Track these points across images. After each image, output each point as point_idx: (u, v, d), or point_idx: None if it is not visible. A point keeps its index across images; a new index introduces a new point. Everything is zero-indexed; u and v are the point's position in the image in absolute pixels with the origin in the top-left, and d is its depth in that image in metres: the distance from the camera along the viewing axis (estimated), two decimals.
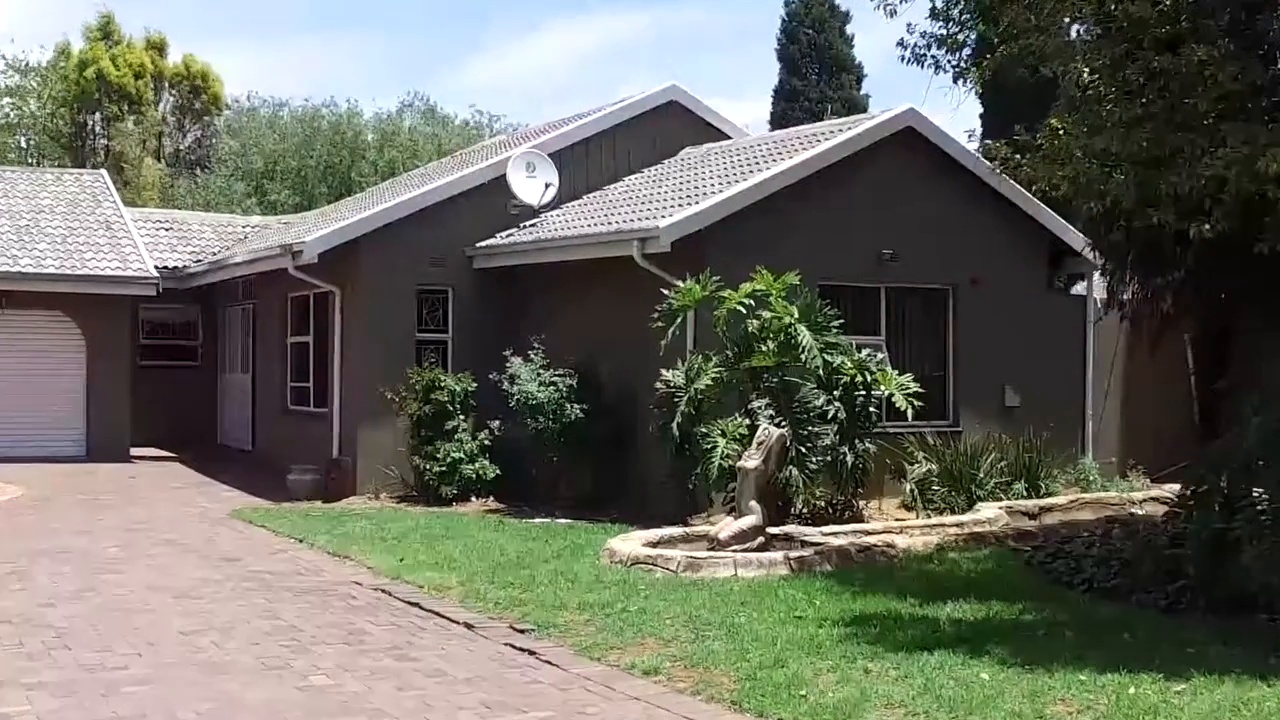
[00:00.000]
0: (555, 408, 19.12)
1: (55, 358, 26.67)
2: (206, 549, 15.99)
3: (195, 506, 20.28)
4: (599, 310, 20.55)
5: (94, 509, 19.87)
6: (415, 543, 15.73)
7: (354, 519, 18.20)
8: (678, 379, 16.88)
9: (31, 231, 27.35)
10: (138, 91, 48.04)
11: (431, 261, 21.99)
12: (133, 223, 28.98)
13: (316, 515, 18.69)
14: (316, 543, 16.18)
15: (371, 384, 21.04)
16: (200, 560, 15.11)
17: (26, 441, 26.08)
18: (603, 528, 17.12)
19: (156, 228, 30.28)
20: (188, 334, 30.38)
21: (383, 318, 21.62)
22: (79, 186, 30.05)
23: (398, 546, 15.49)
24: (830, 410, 16.43)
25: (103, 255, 26.85)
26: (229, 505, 20.32)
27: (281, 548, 16.11)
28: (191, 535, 17.14)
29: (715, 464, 15.92)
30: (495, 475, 20.36)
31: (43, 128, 49.38)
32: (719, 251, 18.03)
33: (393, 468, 21.11)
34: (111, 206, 29.13)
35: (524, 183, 22.24)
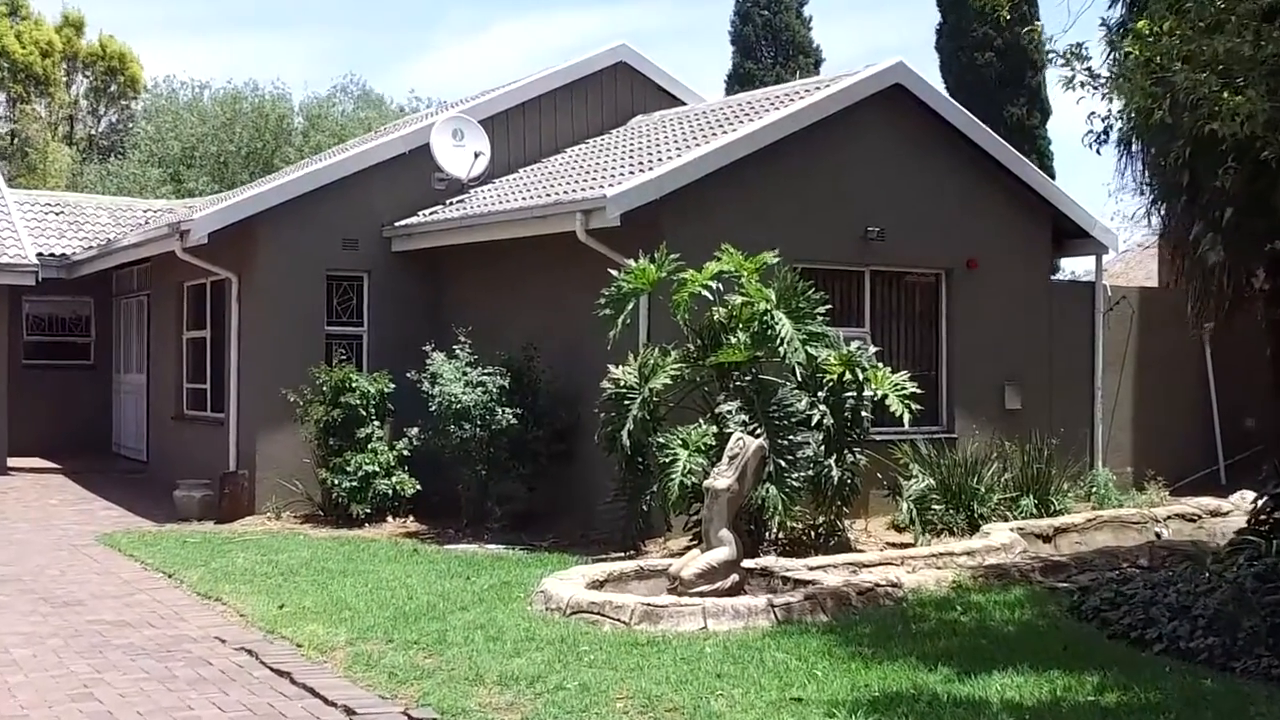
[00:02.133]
0: (483, 412, 16.19)
1: None
2: (50, 588, 12.95)
3: (61, 529, 17.23)
4: (536, 298, 17.66)
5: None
6: (306, 580, 12.76)
7: (242, 546, 15.19)
8: (629, 377, 13.98)
9: None
10: (45, 71, 44.65)
11: (343, 243, 19.03)
12: (16, 205, 25.78)
13: (198, 541, 15.65)
14: (187, 579, 13.19)
15: (273, 385, 18.03)
16: (33, 605, 12.09)
17: None
18: (538, 558, 14.20)
19: (45, 211, 27.06)
20: (79, 330, 27.18)
21: (286, 308, 18.62)
22: None
23: (283, 586, 12.50)
24: (814, 415, 13.54)
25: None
26: (102, 528, 17.27)
27: (144, 585, 13.10)
28: (40, 568, 14.11)
29: (676, 481, 13.02)
30: (415, 491, 17.43)
31: None
32: (677, 227, 15.14)
33: (297, 482, 18.15)
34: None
35: (450, 152, 19.29)
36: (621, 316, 13.99)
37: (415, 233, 18.88)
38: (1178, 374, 20.40)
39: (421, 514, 17.58)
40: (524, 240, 17.07)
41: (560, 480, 16.81)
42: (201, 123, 43.44)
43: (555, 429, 16.67)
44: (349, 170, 19.00)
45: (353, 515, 17.17)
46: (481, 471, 16.63)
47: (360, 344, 19.28)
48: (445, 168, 19.22)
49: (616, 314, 14.01)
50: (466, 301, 18.88)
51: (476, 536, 16.19)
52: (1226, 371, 20.62)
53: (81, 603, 12.22)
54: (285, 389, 17.77)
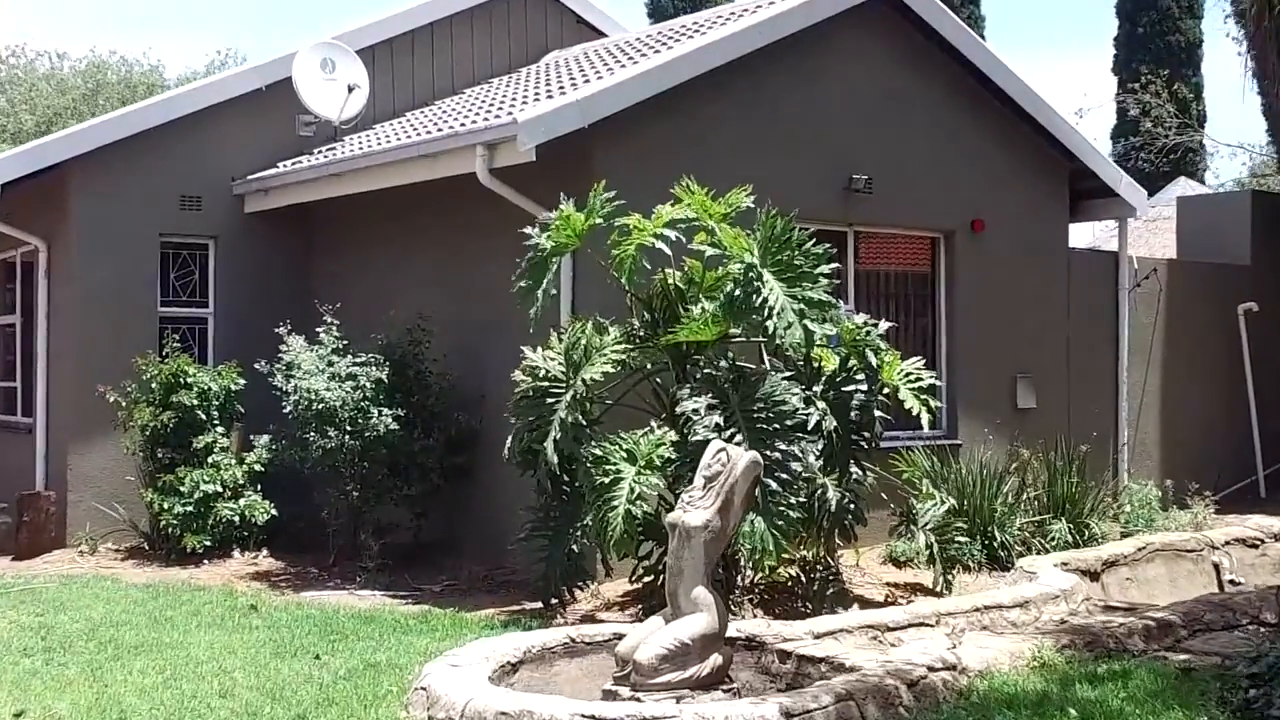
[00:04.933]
0: (354, 414, 12.26)
1: None
2: None
3: None
4: (427, 266, 13.75)
5: None
6: (80, 661, 8.71)
7: (17, 598, 11.13)
8: (552, 365, 10.10)
9: None
10: None
11: (181, 202, 14.99)
12: None
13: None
14: None
15: (89, 383, 13.93)
16: None
17: None
18: (425, 615, 10.25)
19: None
20: None
21: (106, 284, 14.52)
22: None
23: (41, 672, 8.44)
24: (811, 415, 9.67)
25: None
26: None
27: None
28: None
29: (619, 511, 9.12)
30: (269, 518, 13.41)
31: None
32: (609, 169, 11.22)
33: (119, 506, 14.08)
34: None
35: (318, 86, 15.26)
36: (543, 285, 10.10)
37: (273, 186, 14.85)
38: (1210, 363, 16.80)
39: (279, 547, 13.62)
40: (410, 191, 13.17)
41: (457, 504, 12.92)
42: (61, 94, 39.22)
43: (451, 436, 12.75)
44: (187, 109, 14.94)
45: (188, 549, 13.16)
46: (353, 493, 12.66)
47: (205, 330, 15.25)
48: (312, 106, 15.21)
49: (536, 282, 10.12)
50: (339, 274, 14.91)
51: (346, 578, 12.27)
52: (1266, 360, 17.12)
53: None
54: (104, 387, 13.69)
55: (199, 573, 12.73)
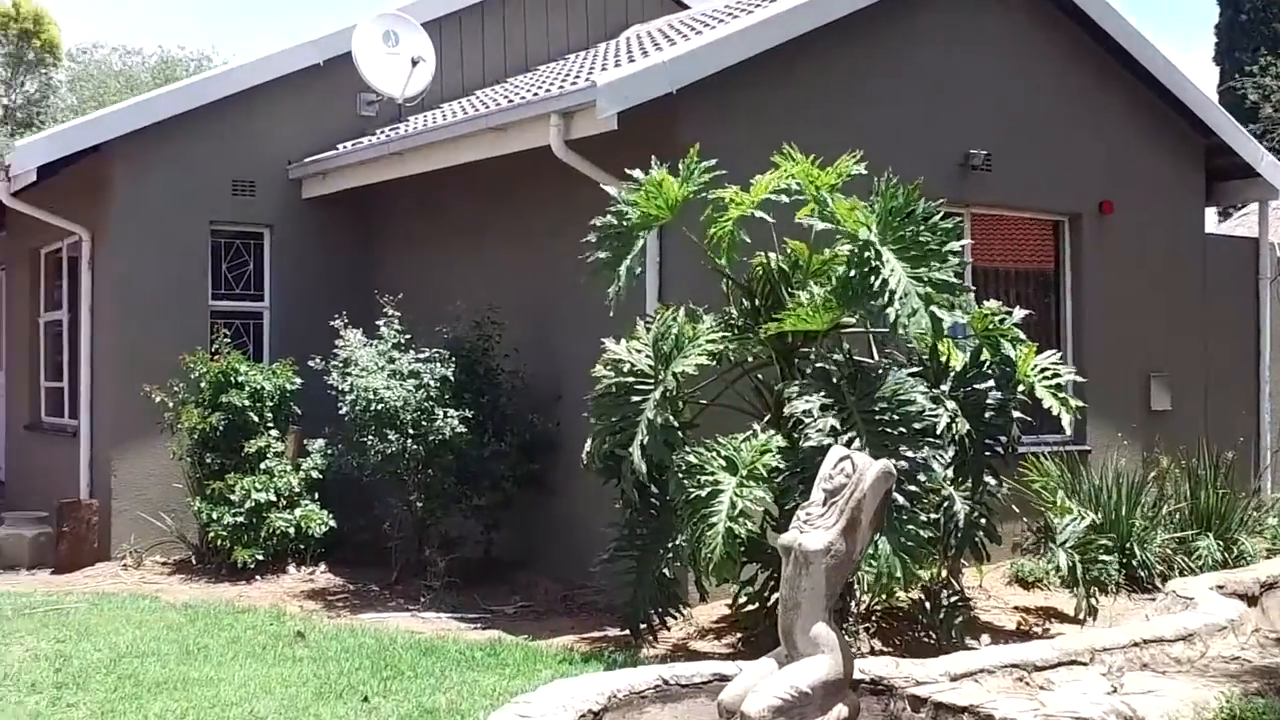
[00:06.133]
0: (417, 415, 11.02)
1: None
2: None
3: None
4: (496, 251, 12.51)
5: None
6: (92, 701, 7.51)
7: (43, 619, 9.97)
8: (638, 357, 8.80)
9: None
10: None
11: (234, 188, 13.84)
12: None
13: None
14: None
15: (135, 382, 12.79)
16: None
17: None
18: (495, 645, 8.94)
19: None
20: None
21: (153, 276, 13.41)
22: None
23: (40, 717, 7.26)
24: (940, 417, 8.31)
25: None
26: None
27: None
28: None
29: (719, 530, 7.81)
30: (327, 529, 12.21)
31: None
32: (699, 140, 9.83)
33: (168, 515, 12.94)
34: None
35: (380, 61, 14.07)
36: (625, 263, 8.82)
37: (332, 169, 13.65)
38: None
39: (338, 561, 12.43)
40: (479, 170, 11.94)
41: (532, 516, 11.67)
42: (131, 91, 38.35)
43: (524, 441, 11.49)
44: (239, 85, 13.77)
45: (238, 563, 11.99)
46: (417, 503, 11.42)
47: (259, 325, 14.10)
48: (373, 82, 14.02)
49: (617, 258, 8.84)
50: (402, 263, 13.71)
51: (409, 597, 11.03)
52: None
53: None
54: (150, 387, 12.56)
55: (249, 590, 11.55)
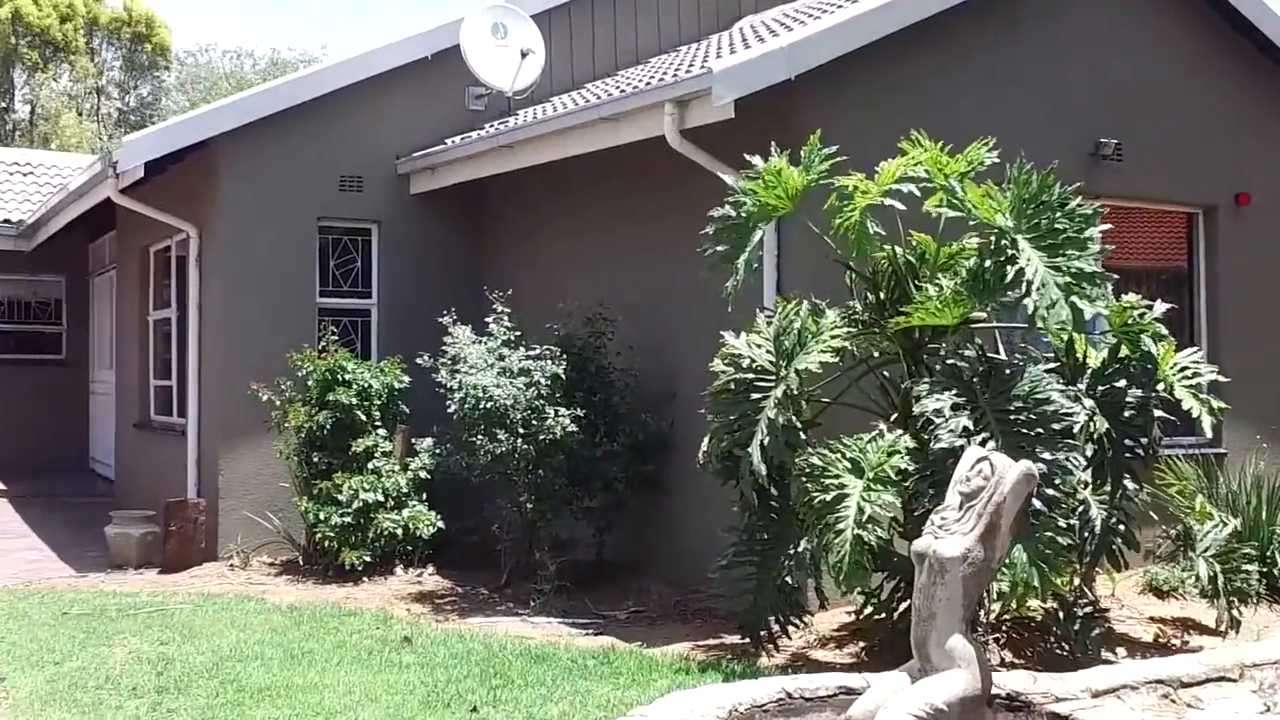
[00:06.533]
0: (528, 414, 10.72)
1: None
2: None
3: None
4: (608, 245, 12.20)
5: None
6: (190, 708, 7.29)
7: (146, 621, 9.81)
8: (759, 352, 8.42)
9: None
10: (65, 37, 39.56)
11: (341, 183, 13.64)
12: None
13: (88, 612, 10.22)
14: (16, 691, 7.80)
15: (243, 381, 12.66)
16: None
17: None
18: (607, 652, 8.61)
19: (9, 171, 21.79)
20: (47, 316, 21.87)
21: (261, 272, 13.25)
22: None
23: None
24: (1077, 417, 7.85)
25: None
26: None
27: None
28: None
29: (847, 536, 7.42)
30: (436, 530, 11.96)
31: None
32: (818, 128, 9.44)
33: (275, 515, 12.77)
34: None
35: (489, 54, 13.83)
36: (744, 256, 8.45)
37: (440, 164, 13.41)
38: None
39: (446, 564, 12.17)
40: (590, 162, 11.63)
41: (645, 518, 11.35)
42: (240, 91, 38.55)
43: (637, 441, 11.15)
44: (347, 80, 13.56)
45: (345, 565, 11.77)
46: (527, 504, 11.13)
47: (367, 322, 13.90)
48: (481, 75, 13.77)
49: (735, 251, 8.48)
50: (512, 259, 13.45)
51: (519, 601, 10.74)
52: None
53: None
54: (257, 385, 12.40)
55: (356, 592, 11.32)
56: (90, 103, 41.21)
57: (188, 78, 41.57)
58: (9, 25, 38.64)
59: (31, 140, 37.52)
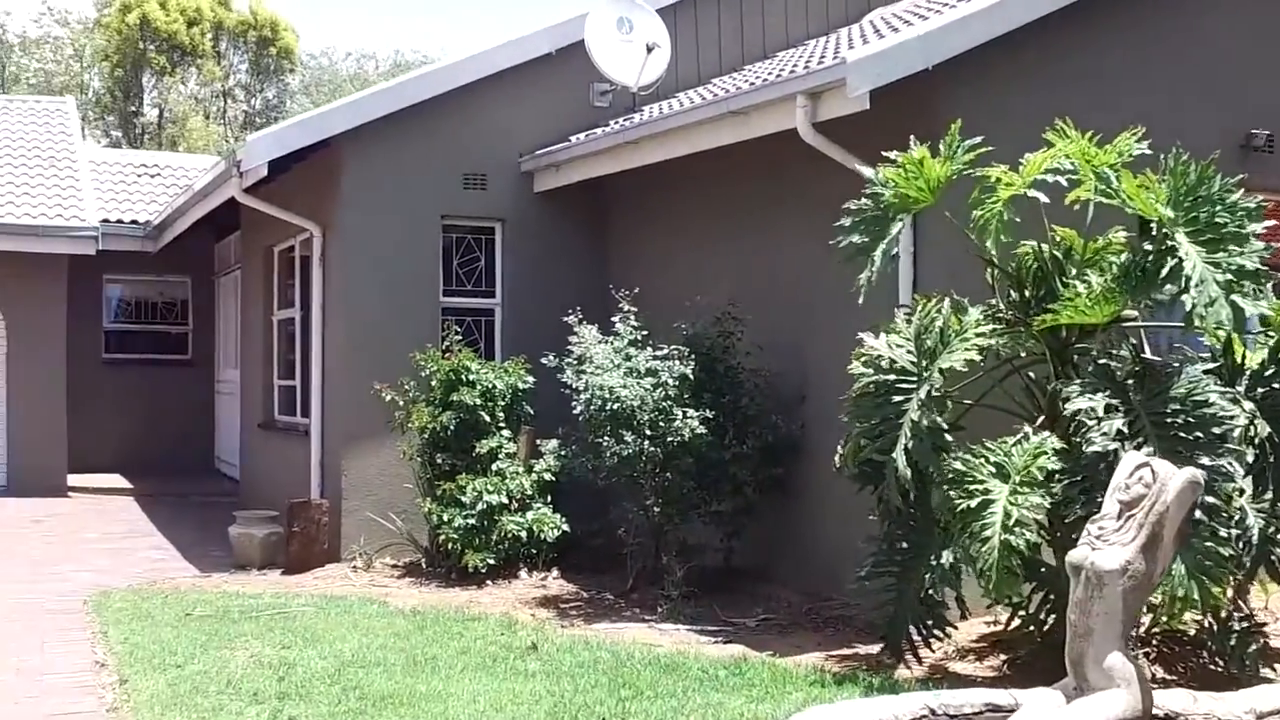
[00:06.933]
0: (655, 415, 10.46)
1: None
2: None
3: (58, 581, 11.97)
4: (736, 242, 11.91)
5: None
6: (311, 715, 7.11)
7: (269, 623, 9.69)
8: (899, 352, 8.08)
9: None
10: (192, 41, 40.00)
11: (465, 181, 13.48)
12: (91, 164, 20.82)
13: (210, 614, 10.10)
14: (138, 693, 7.68)
15: (366, 381, 12.56)
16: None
17: None
18: (736, 666, 8.29)
19: (135, 173, 22.00)
20: (173, 316, 22.02)
21: (384, 271, 13.14)
22: (31, 117, 21.88)
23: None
24: (1236, 421, 7.41)
25: (27, 199, 18.60)
26: (120, 578, 12.00)
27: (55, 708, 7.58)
28: None
29: (993, 544, 7.07)
30: (560, 533, 11.75)
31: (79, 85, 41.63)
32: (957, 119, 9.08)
33: (398, 516, 12.63)
34: (63, 140, 20.90)
35: (613, 48, 13.59)
36: (880, 248, 8.12)
37: (564, 161, 13.21)
38: None
39: (570, 568, 11.94)
40: (718, 157, 11.36)
41: (774, 523, 11.03)
42: None
43: (767, 443, 10.83)
44: (470, 76, 13.40)
45: (468, 568, 11.59)
46: (654, 508, 10.87)
47: (490, 322, 13.73)
48: (606, 70, 13.54)
49: (872, 243, 8.15)
50: (637, 257, 13.22)
51: (645, 607, 10.47)
52: None
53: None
54: (381, 385, 12.28)
55: (479, 595, 11.14)
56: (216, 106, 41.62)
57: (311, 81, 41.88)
58: (137, 31, 39.14)
59: (160, 143, 38.01)
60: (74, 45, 42.57)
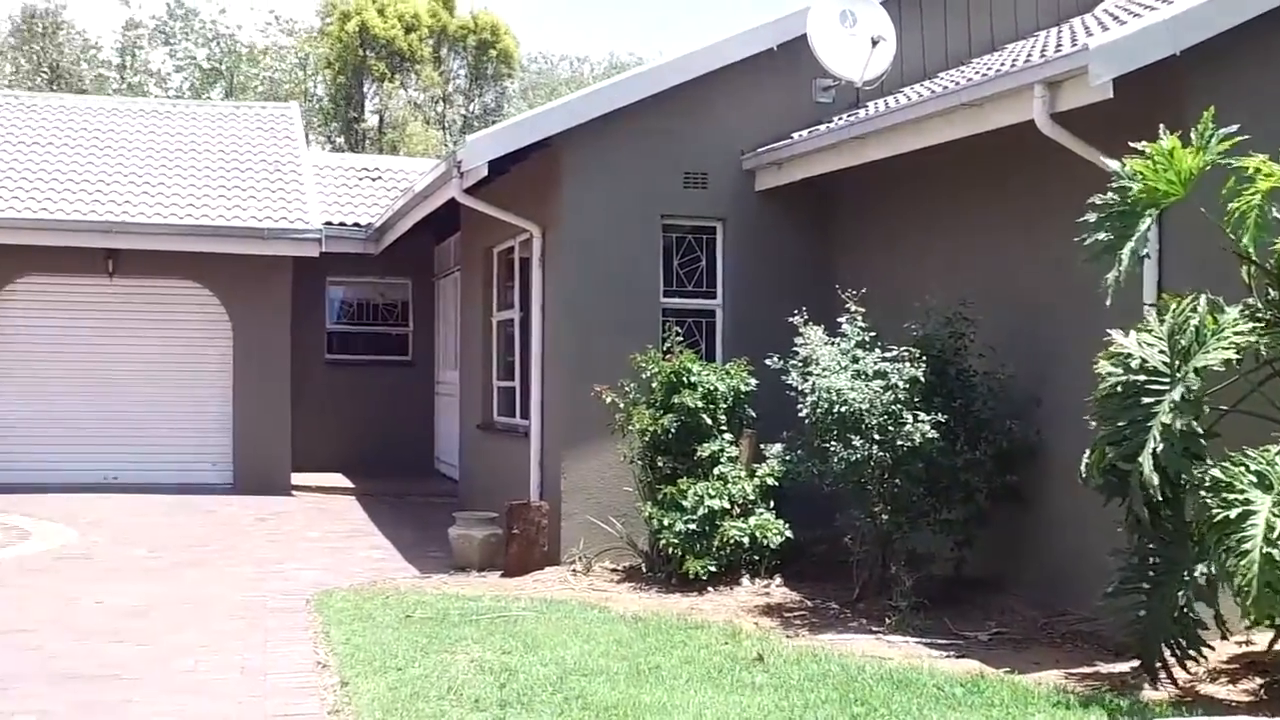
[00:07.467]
0: (884, 419, 10.11)
1: (193, 349, 18.99)
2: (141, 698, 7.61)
3: (280, 581, 12.08)
4: (966, 240, 11.51)
5: (129, 574, 12.31)
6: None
7: (489, 627, 9.59)
8: (1150, 351, 7.62)
9: (163, 171, 19.71)
10: (410, 47, 40.56)
11: (685, 180, 13.27)
12: (314, 168, 21.20)
13: (430, 617, 10.04)
14: (359, 696, 7.61)
15: (585, 382, 12.44)
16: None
17: (152, 466, 18.66)
18: (973, 683, 7.89)
19: (356, 176, 22.33)
20: (394, 318, 22.26)
21: (604, 272, 12.99)
22: (258, 123, 22.34)
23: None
24: None
25: (253, 202, 18.97)
26: (341, 578, 12.10)
27: (280, 709, 7.54)
28: (183, 649, 8.98)
29: (1254, 559, 6.60)
30: (783, 540, 11.46)
31: (302, 92, 42.55)
32: (1206, 103, 8.54)
33: (618, 520, 12.48)
34: (288, 145, 21.28)
35: (837, 42, 13.25)
36: (1129, 245, 7.67)
37: (786, 158, 12.91)
38: None
39: (793, 575, 11.65)
40: (946, 152, 10.95)
41: (1007, 533, 10.59)
42: None
43: (1000, 449, 10.39)
44: (690, 74, 13.18)
45: (689, 574, 11.37)
46: (881, 515, 10.52)
47: (711, 323, 13.50)
48: (829, 65, 13.20)
49: (1119, 240, 7.71)
50: (863, 256, 12.87)
51: (872, 618, 10.12)
52: None
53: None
54: (601, 387, 12.15)
55: (700, 603, 10.90)
56: (435, 111, 42.18)
57: (529, 84, 42.18)
58: (357, 38, 39.86)
59: (380, 149, 38.66)
60: (298, 54, 43.54)
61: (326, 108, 42.32)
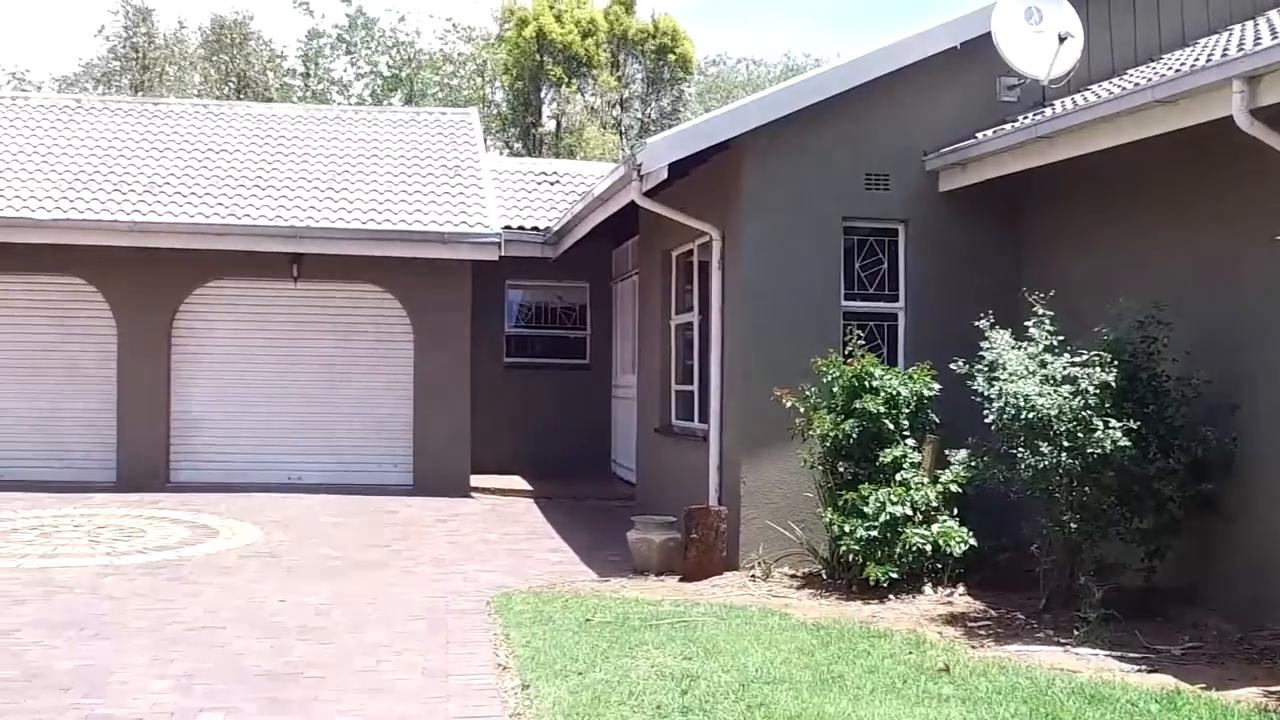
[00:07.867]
0: (1073, 425, 9.85)
1: (375, 351, 19.28)
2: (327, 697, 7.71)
3: (460, 582, 12.18)
4: (1158, 241, 11.17)
5: (312, 573, 12.54)
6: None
7: (669, 632, 9.53)
8: None
9: (345, 177, 20.02)
10: (587, 52, 40.77)
11: (866, 181, 13.10)
12: (493, 172, 21.38)
13: (612, 620, 10.02)
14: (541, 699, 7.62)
15: (765, 386, 12.35)
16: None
17: (334, 467, 19.01)
18: (1169, 700, 7.63)
19: (535, 181, 22.48)
20: (572, 322, 22.35)
21: (784, 275, 12.87)
22: (438, 129, 22.59)
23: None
24: None
25: (434, 207, 19.17)
26: (520, 580, 12.17)
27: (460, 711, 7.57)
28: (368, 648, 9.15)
29: None
30: (967, 547, 11.25)
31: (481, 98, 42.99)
32: None
33: (797, 525, 12.36)
34: (467, 149, 21.48)
35: (1022, 40, 12.96)
36: None
37: (971, 158, 12.66)
38: None
39: (976, 584, 11.43)
40: (1136, 151, 10.63)
41: (1200, 543, 10.25)
42: None
43: (1195, 457, 10.04)
44: (870, 74, 13.00)
45: (870, 580, 11.21)
46: (1070, 523, 10.24)
47: (893, 326, 13.30)
48: (1015, 62, 12.92)
49: None
50: (1049, 258, 12.58)
51: (1059, 629, 9.88)
52: None
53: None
54: (781, 391, 12.04)
55: (882, 611, 10.73)
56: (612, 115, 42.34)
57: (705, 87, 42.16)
58: (534, 44, 40.19)
59: (558, 153, 38.91)
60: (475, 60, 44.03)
61: (504, 113, 42.74)
